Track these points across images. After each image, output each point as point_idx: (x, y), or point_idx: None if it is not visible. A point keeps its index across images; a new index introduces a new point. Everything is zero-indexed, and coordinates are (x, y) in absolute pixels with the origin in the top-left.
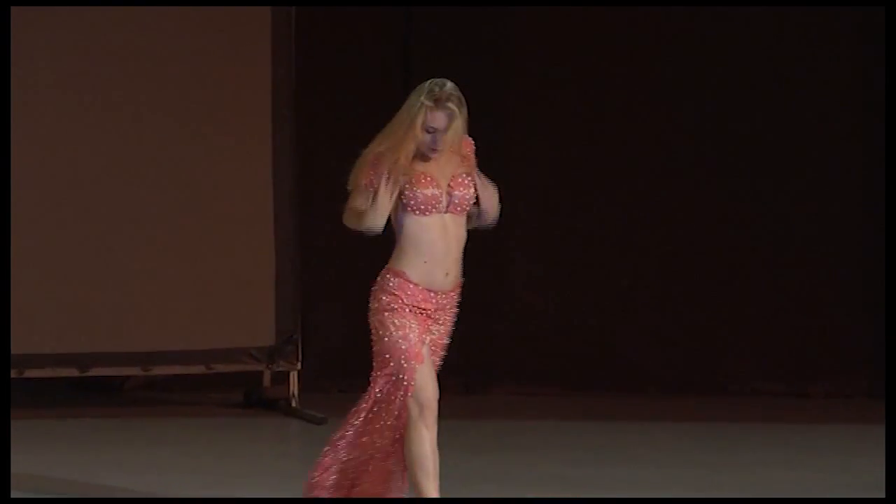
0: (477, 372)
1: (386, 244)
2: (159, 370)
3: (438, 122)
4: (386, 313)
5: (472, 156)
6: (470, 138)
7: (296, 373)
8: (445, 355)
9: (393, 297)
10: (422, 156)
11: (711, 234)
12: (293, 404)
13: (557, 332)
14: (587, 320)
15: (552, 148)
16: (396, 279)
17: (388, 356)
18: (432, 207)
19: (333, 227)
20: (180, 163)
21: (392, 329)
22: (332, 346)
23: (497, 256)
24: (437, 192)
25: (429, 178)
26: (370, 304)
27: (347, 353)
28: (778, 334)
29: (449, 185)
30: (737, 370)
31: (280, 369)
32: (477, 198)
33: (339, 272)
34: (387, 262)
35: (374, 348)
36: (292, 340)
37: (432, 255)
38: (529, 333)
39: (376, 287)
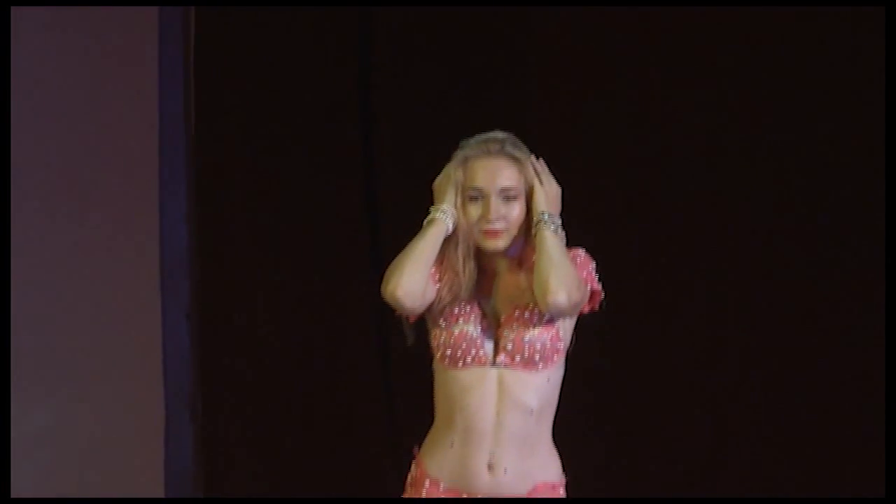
0: None
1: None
2: None
3: (484, 174)
4: None
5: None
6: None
7: None
8: None
9: (411, 495)
10: (479, 263)
11: None
12: None
13: None
14: None
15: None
16: (417, 469)
17: None
18: (467, 355)
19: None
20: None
21: None
22: None
23: None
24: (474, 330)
25: (466, 308)
26: None
27: None
28: None
29: (502, 320)
30: None
31: None
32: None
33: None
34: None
35: None
36: None
37: (466, 432)
38: None
39: None
